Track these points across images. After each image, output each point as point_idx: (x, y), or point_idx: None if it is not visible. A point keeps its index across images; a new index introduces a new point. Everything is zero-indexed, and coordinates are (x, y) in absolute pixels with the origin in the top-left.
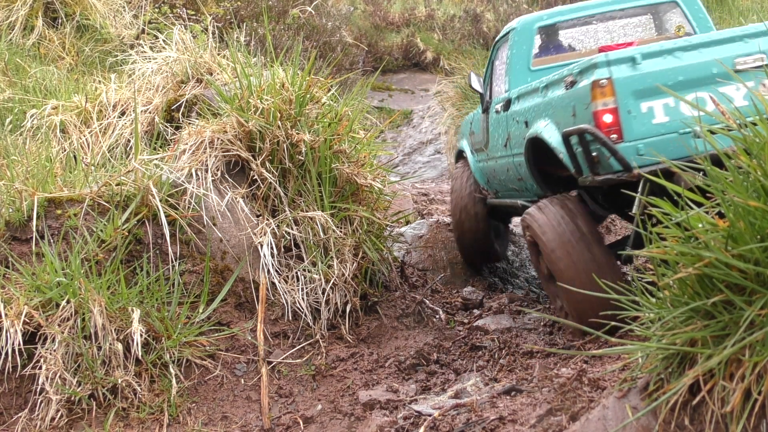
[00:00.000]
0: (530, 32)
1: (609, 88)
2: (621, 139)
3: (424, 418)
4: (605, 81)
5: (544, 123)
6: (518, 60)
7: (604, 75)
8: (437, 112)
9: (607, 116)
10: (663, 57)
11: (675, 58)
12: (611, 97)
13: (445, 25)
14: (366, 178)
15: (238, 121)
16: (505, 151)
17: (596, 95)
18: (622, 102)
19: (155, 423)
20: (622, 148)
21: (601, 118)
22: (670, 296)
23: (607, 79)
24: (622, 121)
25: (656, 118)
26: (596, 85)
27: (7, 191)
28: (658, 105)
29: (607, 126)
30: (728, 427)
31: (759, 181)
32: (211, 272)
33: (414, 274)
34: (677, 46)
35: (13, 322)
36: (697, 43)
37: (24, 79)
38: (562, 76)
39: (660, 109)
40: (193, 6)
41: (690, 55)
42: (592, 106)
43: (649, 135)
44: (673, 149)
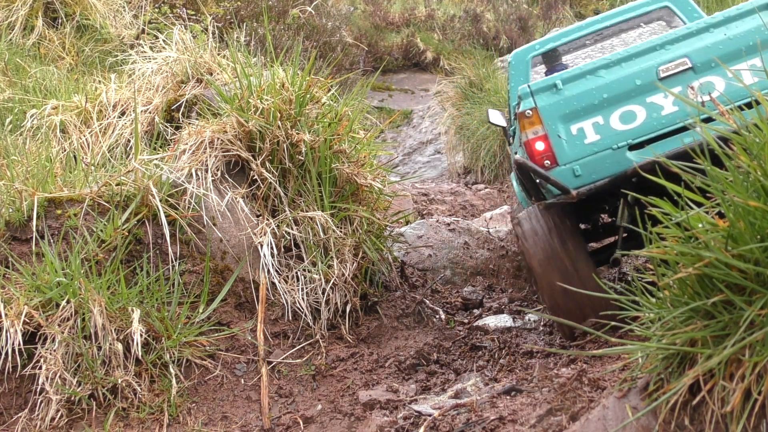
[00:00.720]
0: (524, 64)
1: (535, 116)
2: (555, 163)
3: (424, 418)
4: (530, 111)
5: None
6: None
7: (529, 105)
8: (437, 112)
9: (539, 144)
10: (584, 78)
11: (597, 77)
12: (539, 125)
13: (445, 25)
14: (366, 178)
15: (238, 121)
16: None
17: (524, 125)
18: (551, 128)
19: (155, 423)
20: (558, 173)
21: (533, 146)
22: (670, 296)
23: (532, 109)
24: (553, 146)
25: (588, 138)
26: (523, 116)
27: (7, 191)
28: (587, 125)
29: (540, 153)
30: (728, 427)
31: (759, 181)
32: (211, 272)
33: (414, 274)
34: (597, 65)
35: (13, 322)
36: (618, 59)
37: (24, 79)
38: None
39: (590, 129)
40: (193, 6)
41: (612, 72)
42: (523, 137)
43: (583, 155)
44: (609, 165)
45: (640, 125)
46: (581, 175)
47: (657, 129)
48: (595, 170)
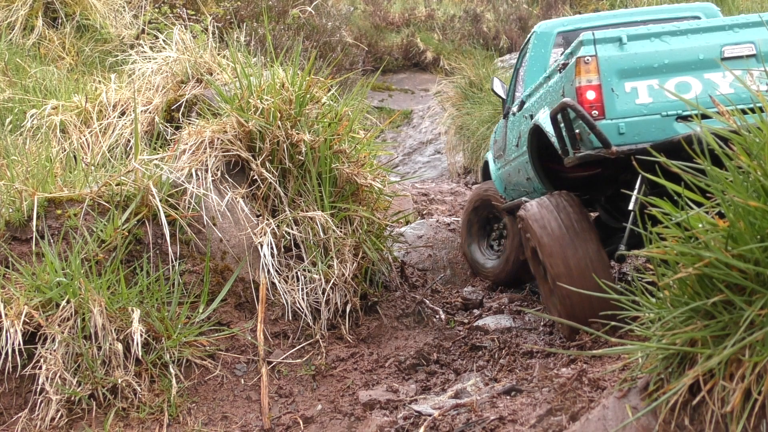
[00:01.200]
0: (549, 37)
1: (593, 65)
2: (602, 116)
3: (424, 418)
4: (590, 58)
5: (543, 112)
6: (535, 63)
7: (590, 52)
8: (437, 112)
9: (590, 93)
10: (650, 40)
11: (662, 42)
12: (595, 74)
13: (445, 25)
14: (366, 178)
15: (238, 121)
16: (517, 150)
17: (580, 71)
18: (606, 80)
19: (155, 423)
20: (603, 125)
21: (584, 94)
22: (670, 296)
23: (592, 56)
24: (604, 98)
25: (639, 99)
26: (581, 62)
27: (7, 191)
28: (642, 86)
29: (589, 102)
30: (728, 427)
31: (759, 181)
32: (211, 272)
33: (414, 274)
34: (665, 30)
35: (13, 322)
36: (685, 29)
37: (24, 79)
38: (558, 62)
39: (644, 90)
40: (193, 6)
41: (678, 40)
42: (575, 82)
43: (630, 114)
44: (654, 131)
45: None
46: (625, 134)
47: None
48: (639, 132)
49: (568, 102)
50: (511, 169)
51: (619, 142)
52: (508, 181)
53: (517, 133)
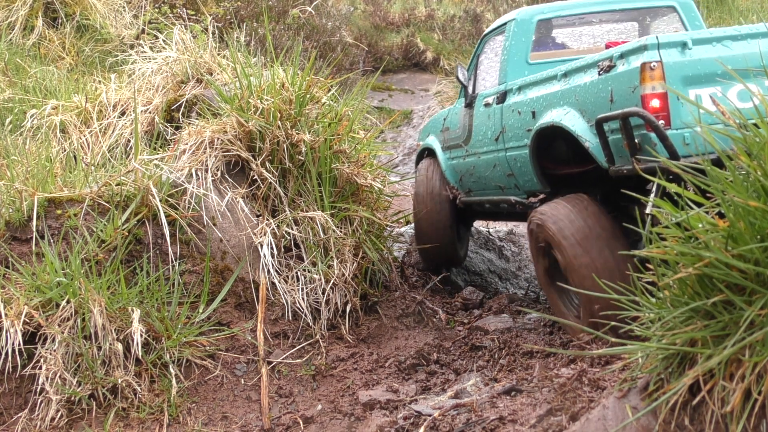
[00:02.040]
0: (530, 24)
1: (659, 71)
2: (669, 125)
3: (424, 418)
4: (656, 64)
5: (562, 112)
6: (516, 52)
7: (655, 57)
8: (437, 112)
9: (655, 101)
10: (712, 44)
11: (724, 47)
12: (660, 80)
13: (445, 25)
14: (366, 178)
15: (238, 121)
16: (496, 145)
17: (645, 78)
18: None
19: (155, 423)
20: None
21: (649, 102)
22: (670, 296)
23: (658, 62)
24: (670, 107)
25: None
26: (646, 67)
27: (7, 191)
28: (705, 93)
29: (654, 111)
30: (728, 427)
31: (759, 181)
32: (211, 272)
33: (414, 274)
34: (727, 34)
35: (13, 322)
36: (746, 33)
37: (24, 79)
38: (592, 61)
39: (707, 98)
40: (193, 6)
41: (740, 45)
42: (639, 90)
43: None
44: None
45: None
46: (690, 144)
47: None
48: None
49: (639, 111)
50: (478, 162)
51: (684, 152)
52: (468, 173)
53: (498, 126)
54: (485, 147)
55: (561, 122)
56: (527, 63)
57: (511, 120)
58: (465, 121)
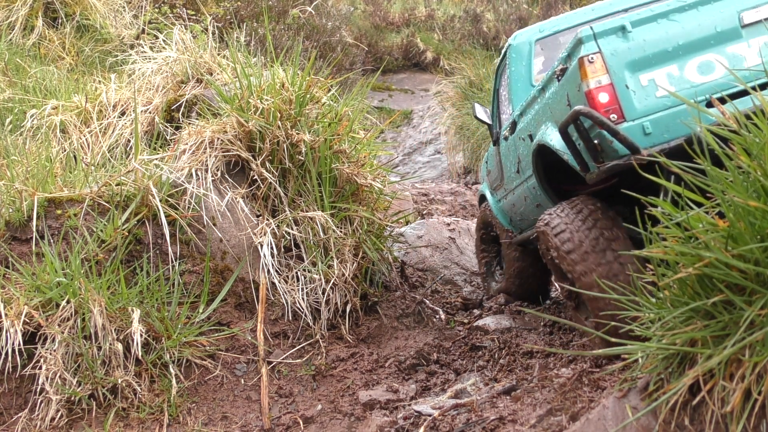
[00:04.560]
0: (526, 47)
1: (600, 62)
2: (622, 119)
3: (424, 418)
4: (594, 56)
5: (546, 128)
6: (519, 78)
7: (592, 50)
8: (437, 112)
9: (603, 95)
10: (656, 22)
11: (671, 22)
12: (604, 73)
13: (445, 25)
14: (366, 178)
15: (238, 121)
16: (519, 177)
17: (586, 73)
18: (617, 77)
19: (155, 423)
20: (626, 129)
21: (596, 98)
22: (670, 296)
23: (596, 53)
24: (620, 98)
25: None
26: (584, 62)
27: (7, 191)
28: (660, 75)
29: (604, 106)
30: (728, 427)
31: (759, 181)
32: (211, 272)
33: (414, 274)
34: (671, 8)
35: (13, 322)
36: (694, 2)
37: (24, 79)
38: (554, 69)
39: (663, 80)
40: (193, 6)
41: (688, 16)
42: (583, 86)
43: (654, 110)
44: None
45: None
46: (652, 134)
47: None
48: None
49: (581, 110)
50: (515, 199)
51: (647, 143)
52: (513, 212)
53: (515, 158)
54: (514, 182)
55: (543, 139)
56: (532, 86)
57: (521, 148)
58: (497, 159)
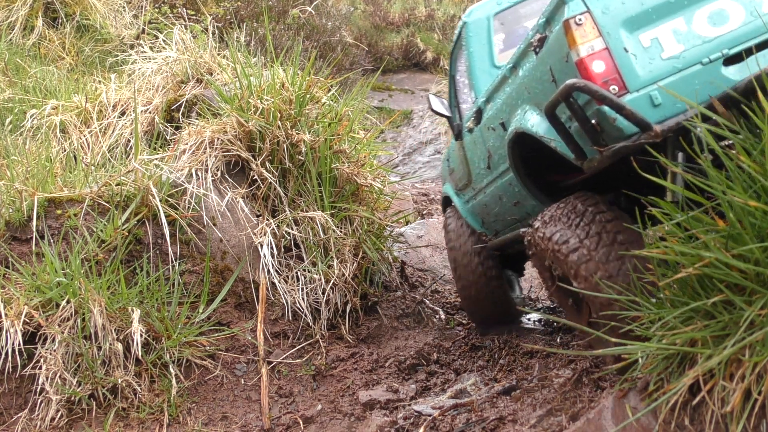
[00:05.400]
0: (484, 23)
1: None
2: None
3: (424, 418)
4: (582, 17)
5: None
6: (479, 59)
7: (579, 9)
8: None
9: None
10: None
11: None
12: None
13: (445, 25)
14: (366, 178)
15: (238, 121)
16: (490, 174)
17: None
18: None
19: (155, 423)
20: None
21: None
22: (670, 296)
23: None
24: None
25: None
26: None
27: (7, 191)
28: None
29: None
30: (728, 427)
31: (759, 181)
32: (211, 272)
33: (414, 274)
34: None
35: (13, 322)
36: None
37: (24, 79)
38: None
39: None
40: (193, 6)
41: None
42: (573, 55)
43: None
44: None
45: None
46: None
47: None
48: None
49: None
50: (487, 199)
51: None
52: (485, 213)
53: (484, 152)
54: (485, 180)
55: (522, 125)
56: (495, 67)
57: (491, 140)
58: (461, 155)
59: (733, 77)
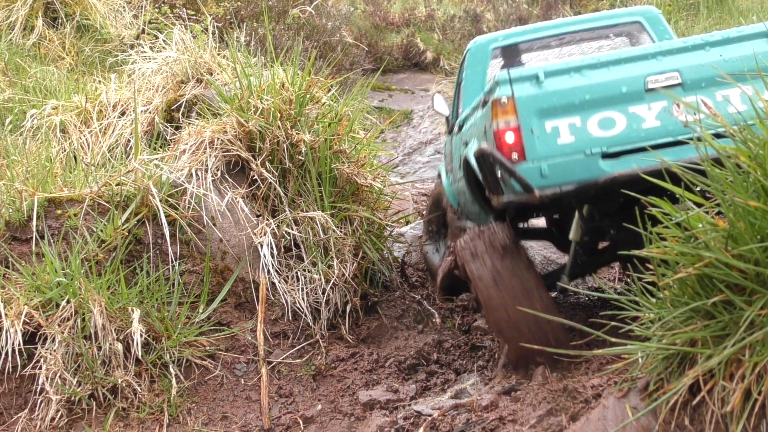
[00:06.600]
0: (485, 53)
1: (511, 106)
2: (523, 158)
3: (424, 418)
4: (506, 99)
5: (472, 144)
6: (472, 81)
7: (506, 93)
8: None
9: (509, 135)
10: (569, 75)
11: (582, 77)
12: (513, 115)
13: (445, 25)
14: (366, 178)
15: (238, 121)
16: (460, 172)
17: (497, 113)
18: (525, 121)
19: (155, 423)
20: (525, 169)
21: (503, 137)
22: (670, 296)
23: (509, 97)
24: (524, 140)
25: (561, 138)
26: (497, 104)
27: (7, 191)
28: (563, 124)
29: (509, 146)
30: (728, 427)
31: (759, 181)
32: (211, 272)
33: (414, 274)
34: (585, 64)
35: (13, 322)
36: (606, 60)
37: (24, 79)
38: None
39: (565, 129)
40: (193, 6)
41: (598, 74)
42: (493, 125)
43: (553, 155)
44: (579, 170)
45: (618, 134)
46: (548, 176)
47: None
48: (563, 173)
49: (485, 149)
50: (459, 187)
51: (542, 184)
52: (459, 198)
53: (458, 155)
54: (458, 174)
55: (468, 154)
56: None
57: (462, 150)
58: (449, 147)
59: (607, 169)
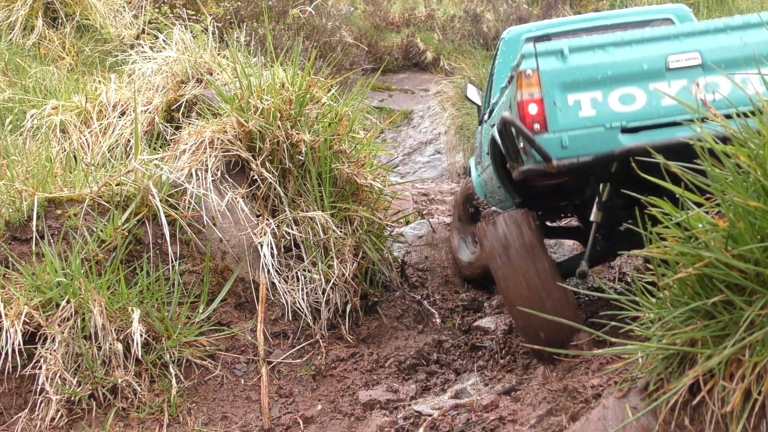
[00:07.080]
0: (517, 43)
1: (535, 78)
2: (545, 129)
3: (424, 418)
4: (531, 72)
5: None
6: (504, 69)
7: (531, 66)
8: (437, 112)
9: (532, 106)
10: (593, 51)
11: (605, 53)
12: (537, 87)
13: (445, 25)
14: (366, 178)
15: (238, 121)
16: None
17: (521, 84)
18: (548, 93)
19: (155, 423)
20: (546, 139)
21: (526, 108)
22: (670, 296)
23: (534, 70)
24: (546, 111)
25: (582, 111)
26: (522, 75)
27: (7, 191)
28: (585, 98)
29: (532, 117)
30: (728, 427)
31: (759, 181)
32: (211, 272)
33: (414, 274)
34: (609, 41)
35: (13, 322)
36: (629, 39)
37: (24, 79)
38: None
39: (587, 103)
40: (193, 6)
41: (621, 51)
42: (518, 96)
43: (574, 127)
44: (598, 143)
45: (638, 110)
46: (567, 147)
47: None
48: (582, 145)
49: (507, 117)
50: (486, 177)
51: (562, 155)
52: (486, 187)
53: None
54: (486, 161)
55: (494, 132)
56: None
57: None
58: (479, 137)
59: (626, 143)
